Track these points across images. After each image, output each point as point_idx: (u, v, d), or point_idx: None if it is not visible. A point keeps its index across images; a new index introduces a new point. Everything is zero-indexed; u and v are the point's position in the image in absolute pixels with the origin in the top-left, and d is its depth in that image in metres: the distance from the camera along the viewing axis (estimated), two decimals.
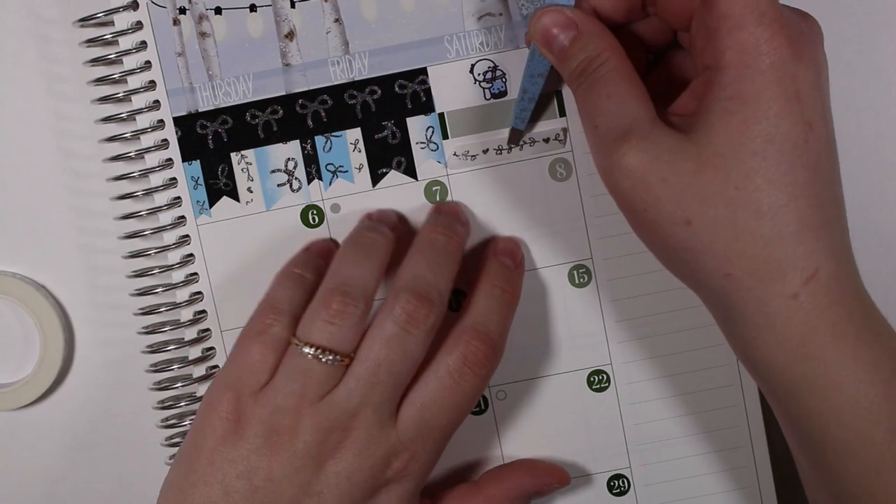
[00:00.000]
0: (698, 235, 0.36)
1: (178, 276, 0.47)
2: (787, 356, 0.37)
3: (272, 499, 0.40)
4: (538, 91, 0.44)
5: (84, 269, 0.49)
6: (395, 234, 0.44)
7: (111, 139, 0.47)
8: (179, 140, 0.46)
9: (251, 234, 0.47)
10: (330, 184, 0.47)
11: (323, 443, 0.40)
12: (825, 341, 0.36)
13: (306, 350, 0.40)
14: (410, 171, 0.47)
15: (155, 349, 0.47)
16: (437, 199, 0.47)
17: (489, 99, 0.46)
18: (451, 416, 0.42)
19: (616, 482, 0.48)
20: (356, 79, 0.46)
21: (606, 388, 0.48)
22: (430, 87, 0.46)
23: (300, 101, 0.46)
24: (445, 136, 0.46)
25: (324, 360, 0.40)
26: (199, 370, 0.47)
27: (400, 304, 0.41)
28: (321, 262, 0.45)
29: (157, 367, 0.48)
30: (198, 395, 0.48)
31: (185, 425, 0.48)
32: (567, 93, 0.46)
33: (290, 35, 0.46)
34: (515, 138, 0.46)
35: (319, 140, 0.46)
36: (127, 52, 0.46)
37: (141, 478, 0.50)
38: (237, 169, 0.47)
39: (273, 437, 0.40)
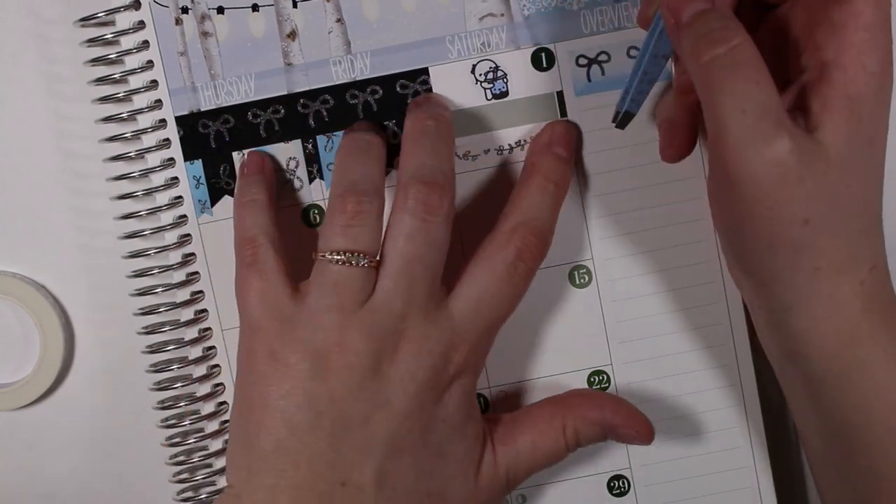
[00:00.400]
0: (810, 234, 0.37)
1: (178, 275, 0.47)
2: (843, 340, 0.38)
3: (342, 420, 0.39)
4: (659, 73, 0.42)
5: (84, 269, 0.49)
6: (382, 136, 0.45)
7: (112, 139, 0.47)
8: (181, 139, 0.46)
9: None
10: None
11: (378, 350, 0.40)
12: (878, 324, 0.38)
13: (334, 258, 0.40)
14: None
15: (155, 349, 0.47)
16: None
17: (490, 99, 0.46)
18: (504, 308, 0.42)
19: (616, 483, 0.48)
20: (358, 79, 0.46)
21: (606, 388, 0.48)
22: (431, 88, 0.46)
23: (302, 101, 0.46)
24: None
25: (355, 263, 0.40)
26: (199, 370, 0.47)
27: (412, 195, 0.40)
28: (262, 177, 0.45)
29: (157, 368, 0.48)
30: (198, 394, 0.48)
31: (184, 425, 0.48)
32: (568, 93, 0.46)
33: (292, 35, 0.46)
34: (626, 121, 0.44)
35: (321, 139, 0.46)
36: (128, 52, 0.46)
37: (141, 478, 0.50)
38: (239, 168, 0.47)
39: (322, 359, 0.40)
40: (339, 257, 0.40)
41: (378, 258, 0.40)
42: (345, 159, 0.43)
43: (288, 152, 0.46)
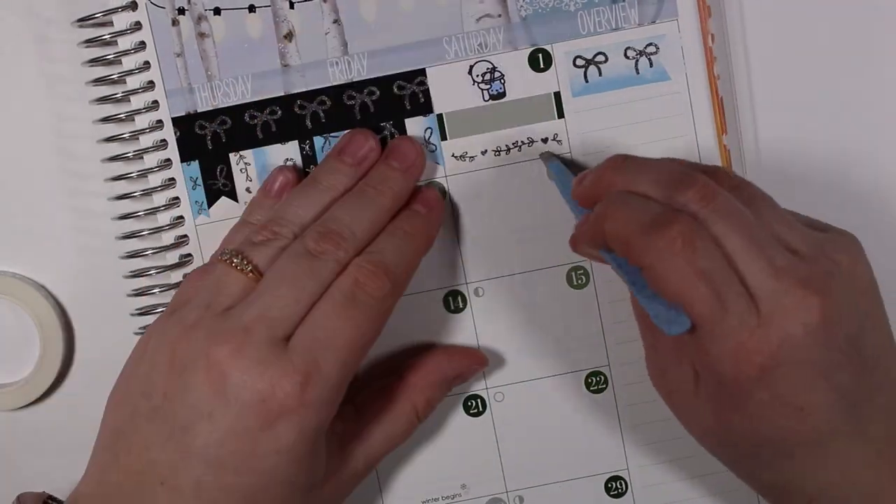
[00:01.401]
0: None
1: (176, 276, 0.47)
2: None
3: (170, 420, 0.39)
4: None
5: (84, 269, 0.49)
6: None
7: (110, 139, 0.47)
8: (178, 140, 0.46)
9: None
10: None
11: (212, 357, 0.38)
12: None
13: (223, 256, 0.41)
14: None
15: None
16: None
17: (488, 100, 0.46)
18: (346, 339, 0.40)
19: (614, 484, 0.48)
20: (355, 80, 0.46)
21: (604, 389, 0.48)
22: (428, 89, 0.46)
23: (299, 102, 0.46)
24: (444, 138, 0.46)
25: (235, 263, 0.40)
26: None
27: (310, 234, 0.41)
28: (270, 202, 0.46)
29: None
30: None
31: None
32: (565, 94, 0.46)
33: (289, 36, 0.46)
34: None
35: (318, 140, 0.46)
36: (126, 53, 0.46)
37: None
38: (236, 169, 0.47)
39: (171, 354, 0.39)
40: (226, 256, 0.41)
41: (261, 272, 0.41)
42: (297, 195, 0.44)
43: (285, 153, 0.46)
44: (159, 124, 0.46)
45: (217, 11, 0.46)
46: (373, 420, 0.45)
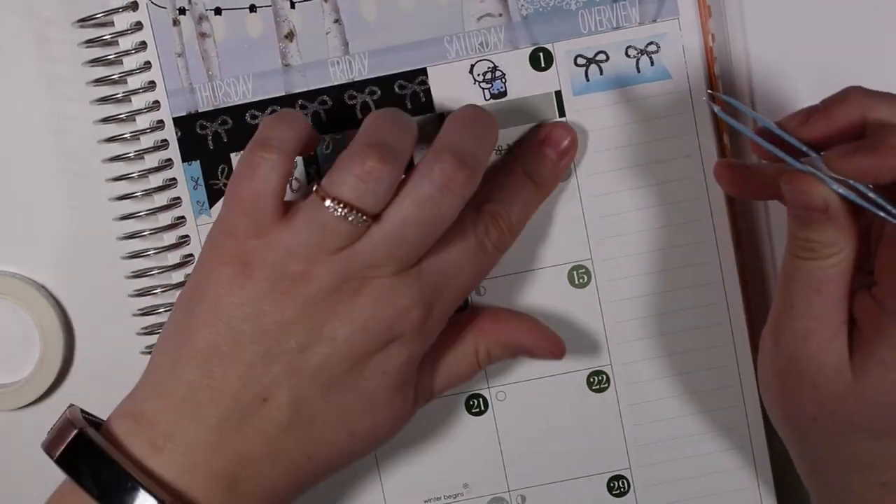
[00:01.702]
0: None
1: (178, 276, 0.47)
2: None
3: (281, 342, 0.40)
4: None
5: (84, 269, 0.49)
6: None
7: (111, 140, 0.47)
8: (179, 140, 0.46)
9: None
10: None
11: (339, 290, 0.39)
12: None
13: (330, 205, 0.38)
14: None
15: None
16: None
17: (489, 99, 0.46)
18: (468, 279, 0.42)
19: (616, 483, 0.48)
20: (356, 79, 0.46)
21: (606, 388, 0.48)
22: (429, 88, 0.46)
23: (300, 102, 0.46)
24: None
25: (350, 219, 0.39)
26: None
27: (439, 164, 0.39)
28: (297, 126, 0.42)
29: None
30: None
31: None
32: (566, 93, 0.46)
33: (290, 35, 0.46)
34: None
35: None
36: (126, 53, 0.46)
37: None
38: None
39: (283, 282, 0.39)
40: (336, 207, 0.38)
41: (378, 216, 0.39)
42: (380, 120, 0.41)
43: None
44: (160, 124, 0.46)
45: (218, 11, 0.46)
46: (439, 355, 0.45)
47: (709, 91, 0.45)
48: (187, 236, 0.47)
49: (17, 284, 0.49)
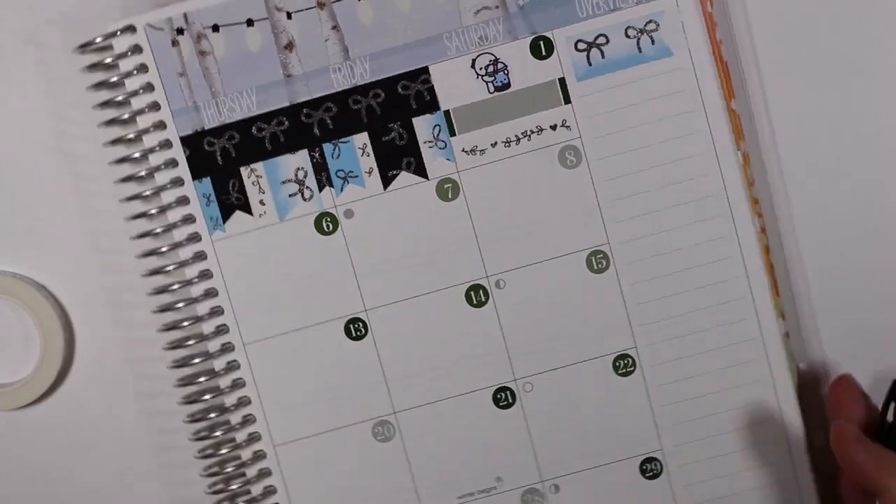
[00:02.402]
0: None
1: (196, 290, 0.47)
2: None
3: None
4: None
5: (84, 270, 0.50)
6: None
7: (120, 161, 0.47)
8: (188, 159, 0.46)
9: (267, 247, 0.47)
10: (341, 190, 0.47)
11: None
12: None
13: None
14: (420, 171, 0.47)
15: (181, 364, 0.48)
16: (450, 196, 0.47)
17: (493, 92, 0.46)
18: None
19: (648, 465, 0.48)
20: (359, 84, 0.46)
21: (633, 371, 0.48)
22: (433, 86, 0.46)
23: (305, 111, 0.46)
24: (453, 133, 0.46)
25: None
26: (224, 381, 0.48)
27: None
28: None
29: (184, 382, 0.48)
30: (226, 405, 0.48)
31: (216, 436, 0.48)
32: (570, 79, 0.46)
33: (290, 46, 0.46)
34: None
35: (327, 147, 0.46)
36: (128, 75, 0.46)
37: (141, 478, 0.51)
38: (248, 182, 0.47)
39: None
40: None
41: None
42: None
43: (295, 163, 0.46)
44: (168, 143, 0.46)
45: (216, 28, 0.46)
46: None
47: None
48: (203, 252, 0.47)
49: (17, 284, 0.49)
